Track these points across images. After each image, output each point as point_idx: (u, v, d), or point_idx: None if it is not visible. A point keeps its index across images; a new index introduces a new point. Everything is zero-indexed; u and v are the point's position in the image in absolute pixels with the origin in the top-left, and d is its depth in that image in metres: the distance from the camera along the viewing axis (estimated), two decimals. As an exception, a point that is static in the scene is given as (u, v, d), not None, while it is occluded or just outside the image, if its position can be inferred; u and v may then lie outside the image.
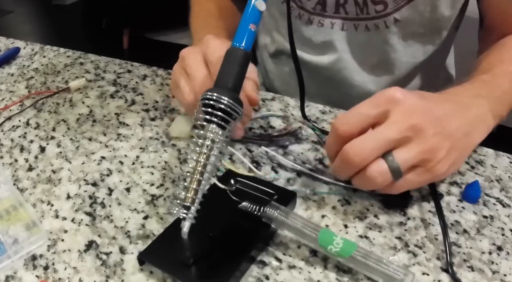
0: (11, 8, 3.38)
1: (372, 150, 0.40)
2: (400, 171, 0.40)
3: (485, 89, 0.50)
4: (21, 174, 0.53)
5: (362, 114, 0.41)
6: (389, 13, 0.64)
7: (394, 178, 0.41)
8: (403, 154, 0.40)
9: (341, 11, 0.66)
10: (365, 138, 0.40)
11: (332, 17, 0.67)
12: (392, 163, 0.40)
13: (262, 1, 0.43)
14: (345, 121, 0.42)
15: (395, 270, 0.37)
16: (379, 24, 0.65)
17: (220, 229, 0.42)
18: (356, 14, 0.65)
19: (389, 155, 0.40)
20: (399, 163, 0.40)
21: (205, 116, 0.38)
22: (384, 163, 0.40)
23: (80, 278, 0.41)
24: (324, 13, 0.67)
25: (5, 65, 0.76)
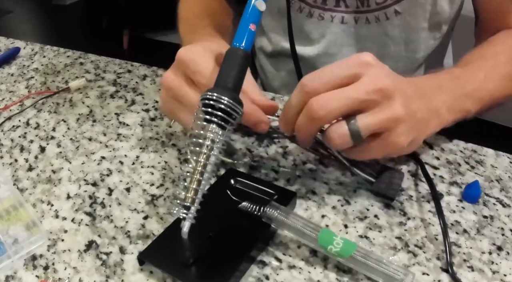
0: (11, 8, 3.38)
1: (337, 106, 0.39)
2: (361, 136, 0.40)
3: (451, 83, 0.50)
4: (21, 174, 0.53)
5: (333, 73, 0.41)
6: (390, 4, 0.64)
7: (354, 142, 0.40)
8: (366, 118, 0.40)
9: (342, 5, 0.65)
10: (332, 94, 0.40)
11: (332, 11, 0.67)
12: (353, 126, 0.40)
13: (262, 1, 0.43)
14: (313, 79, 0.41)
15: (395, 270, 0.37)
16: (379, 16, 0.65)
17: (220, 229, 0.42)
18: (356, 7, 0.65)
19: (352, 118, 0.40)
20: (360, 127, 0.40)
21: (205, 116, 0.38)
22: (345, 125, 0.40)
23: (80, 278, 0.41)
24: (324, 7, 0.67)
25: (5, 65, 0.76)
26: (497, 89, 0.53)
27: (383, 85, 0.40)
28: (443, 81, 0.50)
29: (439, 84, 0.49)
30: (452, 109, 0.48)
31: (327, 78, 0.41)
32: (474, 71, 0.53)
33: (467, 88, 0.50)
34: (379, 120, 0.40)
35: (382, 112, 0.40)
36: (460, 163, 0.52)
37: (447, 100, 0.48)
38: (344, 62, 0.41)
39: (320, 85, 0.40)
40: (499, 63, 0.55)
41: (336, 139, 0.40)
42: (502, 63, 0.56)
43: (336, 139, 0.40)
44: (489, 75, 0.53)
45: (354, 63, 0.41)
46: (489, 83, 0.52)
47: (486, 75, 0.53)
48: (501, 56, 0.57)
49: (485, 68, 0.54)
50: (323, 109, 0.39)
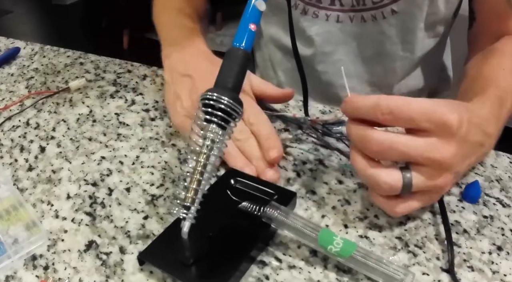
0: (11, 8, 3.38)
1: (395, 152, 0.38)
2: (410, 189, 0.39)
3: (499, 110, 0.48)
4: (21, 174, 0.53)
5: (410, 116, 0.37)
6: (386, 4, 0.63)
7: (402, 191, 0.40)
8: (420, 177, 0.39)
9: (337, 3, 0.65)
10: (395, 139, 0.38)
11: (327, 9, 0.66)
12: (407, 177, 0.39)
13: (262, 1, 0.43)
14: (391, 109, 0.37)
15: (395, 270, 0.37)
16: (376, 15, 0.65)
17: (220, 229, 0.42)
18: (352, 6, 0.65)
19: (407, 170, 0.39)
20: (413, 182, 0.39)
21: (205, 116, 0.38)
22: (399, 174, 0.39)
23: (80, 278, 0.41)
24: (319, 5, 0.67)
25: (5, 65, 0.76)
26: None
27: (443, 159, 0.38)
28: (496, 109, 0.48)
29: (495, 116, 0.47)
30: (498, 134, 0.48)
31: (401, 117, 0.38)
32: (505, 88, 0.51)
33: (505, 110, 0.49)
34: (430, 184, 0.39)
35: (434, 179, 0.39)
36: (460, 163, 0.52)
37: (498, 131, 0.47)
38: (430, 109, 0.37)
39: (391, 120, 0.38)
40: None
41: (385, 185, 0.39)
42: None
43: (386, 185, 0.39)
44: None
45: (435, 119, 0.37)
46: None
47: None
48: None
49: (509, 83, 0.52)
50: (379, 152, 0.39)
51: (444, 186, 0.40)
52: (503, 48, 0.59)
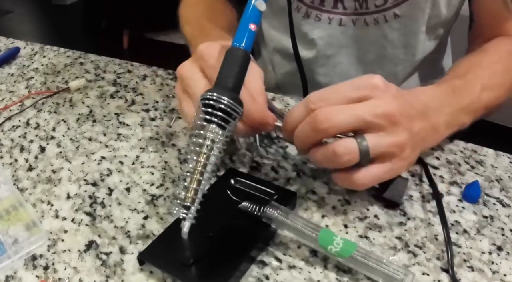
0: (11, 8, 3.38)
1: (343, 120, 0.39)
2: (369, 155, 0.39)
3: (450, 98, 0.50)
4: (21, 174, 0.53)
5: (341, 94, 0.40)
6: (389, 7, 0.63)
7: (362, 160, 0.40)
8: (375, 138, 0.39)
9: (339, 7, 0.65)
10: (338, 108, 0.39)
11: (329, 12, 0.66)
12: (362, 144, 0.39)
13: (262, 1, 0.43)
14: (321, 98, 0.40)
15: (395, 270, 0.37)
16: (378, 18, 0.65)
17: (220, 229, 0.42)
18: (354, 9, 0.65)
19: (360, 136, 0.39)
20: (370, 145, 0.39)
21: (205, 116, 0.38)
22: (354, 141, 0.39)
23: (80, 278, 0.41)
24: (322, 8, 0.66)
25: (5, 65, 0.76)
26: (491, 100, 0.54)
27: (390, 111, 0.39)
28: (444, 96, 0.49)
29: (440, 100, 0.48)
30: (449, 124, 0.49)
31: (334, 98, 0.40)
32: (471, 83, 0.53)
33: (464, 102, 0.50)
34: (388, 143, 0.40)
35: (388, 137, 0.40)
36: (460, 163, 0.52)
37: (446, 117, 0.48)
38: (352, 83, 0.41)
39: (327, 103, 0.40)
40: (496, 72, 0.56)
41: (344, 155, 0.39)
42: (499, 72, 0.56)
43: (344, 155, 0.39)
44: (486, 87, 0.53)
45: (363, 85, 0.40)
46: (485, 95, 0.53)
47: (482, 87, 0.52)
48: (498, 65, 0.57)
49: (482, 79, 0.54)
50: (328, 122, 0.39)
51: (402, 143, 0.40)
52: (488, 46, 0.60)
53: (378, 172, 0.41)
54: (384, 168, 0.41)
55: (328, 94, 0.41)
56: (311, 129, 0.40)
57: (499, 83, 0.55)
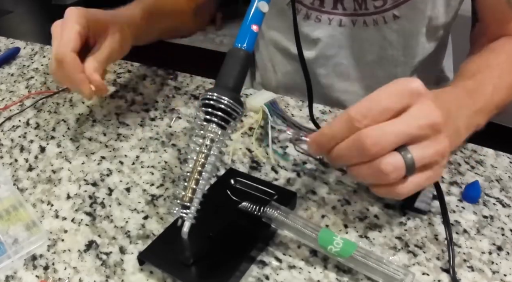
0: (11, 8, 3.38)
1: (390, 142, 0.38)
2: (414, 167, 0.38)
3: (468, 100, 0.49)
4: (21, 174, 0.53)
5: (383, 108, 0.38)
6: (388, 8, 0.63)
7: (407, 173, 0.39)
8: (420, 150, 0.38)
9: (339, 7, 0.65)
10: (385, 129, 0.38)
11: (329, 13, 0.66)
12: (407, 158, 0.38)
13: (265, 2, 0.43)
14: (364, 114, 0.38)
15: (395, 270, 0.37)
16: (377, 19, 0.65)
17: (220, 229, 0.42)
18: (354, 10, 0.65)
19: (405, 149, 0.38)
20: (415, 158, 0.38)
21: (205, 116, 0.38)
22: (400, 157, 0.38)
23: (80, 278, 0.41)
24: (321, 9, 0.66)
25: (5, 65, 0.76)
26: (503, 99, 0.54)
27: (433, 120, 0.38)
28: (461, 98, 0.49)
29: (459, 102, 0.48)
30: (468, 127, 0.48)
31: (377, 111, 0.38)
32: (483, 83, 0.53)
33: (479, 104, 0.50)
34: (432, 153, 0.39)
35: (432, 146, 0.39)
36: (460, 163, 0.52)
37: (465, 120, 0.47)
38: (392, 91, 0.39)
39: (371, 122, 0.38)
40: (504, 72, 0.56)
41: (391, 172, 0.38)
42: (507, 72, 0.56)
43: (391, 172, 0.38)
44: (497, 87, 0.53)
45: (403, 93, 0.39)
46: (496, 95, 0.53)
47: (494, 87, 0.53)
48: (505, 65, 0.57)
49: (492, 79, 0.53)
50: (377, 146, 0.37)
51: (444, 150, 0.39)
52: (494, 46, 0.60)
53: (419, 180, 0.40)
54: (425, 175, 0.40)
55: (370, 109, 0.38)
56: (358, 151, 0.39)
57: (509, 83, 0.55)
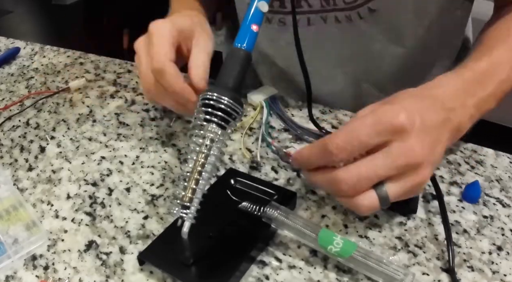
0: (11, 8, 3.38)
1: (366, 183, 0.38)
2: (389, 202, 0.39)
3: (477, 87, 0.46)
4: (21, 174, 0.53)
5: (361, 143, 0.37)
6: (361, 4, 0.57)
7: (382, 206, 0.39)
8: (396, 187, 0.38)
9: (304, 5, 0.59)
10: (361, 170, 0.38)
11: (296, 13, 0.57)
12: (382, 194, 0.38)
13: (265, 2, 0.43)
14: (342, 147, 0.38)
15: (395, 270, 0.37)
16: (351, 15, 0.59)
17: (220, 229, 0.42)
18: (321, 6, 0.58)
19: (381, 185, 0.38)
20: (390, 195, 0.39)
21: (205, 116, 0.38)
22: (374, 194, 0.38)
23: (80, 278, 0.41)
24: (283, 10, 0.60)
25: (5, 65, 0.76)
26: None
27: (411, 159, 0.38)
28: (467, 87, 0.46)
29: (462, 94, 0.45)
30: (473, 116, 0.46)
31: (355, 147, 0.38)
32: (498, 62, 0.48)
33: (490, 88, 0.46)
34: (408, 188, 0.39)
35: (409, 181, 0.39)
36: (460, 163, 0.52)
37: (470, 111, 0.45)
38: (374, 125, 0.37)
39: (348, 156, 0.38)
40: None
41: (364, 207, 0.39)
42: None
43: (365, 207, 0.39)
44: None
45: (385, 128, 0.37)
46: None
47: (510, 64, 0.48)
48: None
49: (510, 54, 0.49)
50: (352, 189, 0.38)
51: (422, 181, 0.39)
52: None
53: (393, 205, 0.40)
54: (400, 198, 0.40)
55: (348, 142, 0.38)
56: (333, 189, 0.40)
57: None
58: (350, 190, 0.38)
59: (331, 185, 0.39)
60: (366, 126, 0.37)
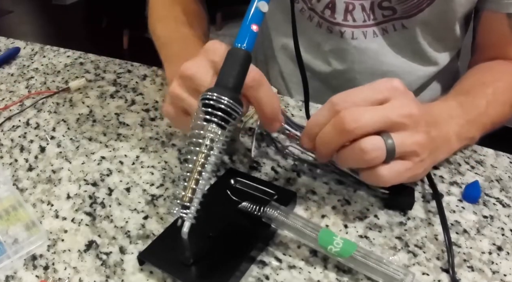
0: (11, 8, 3.38)
1: (370, 120, 0.39)
2: (394, 152, 0.40)
3: (459, 110, 0.50)
4: (21, 174, 0.53)
5: (364, 96, 0.40)
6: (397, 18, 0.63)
7: (387, 158, 0.40)
8: (400, 137, 0.40)
9: (349, 19, 0.65)
10: (365, 109, 0.39)
11: (340, 25, 0.65)
12: (388, 142, 0.39)
13: (265, 2, 0.43)
14: (345, 99, 0.40)
15: (395, 270, 0.37)
16: (387, 28, 0.64)
17: (220, 229, 0.42)
18: (363, 21, 0.64)
19: (386, 134, 0.40)
20: (396, 143, 0.39)
21: (205, 116, 0.38)
22: (381, 139, 0.39)
23: (80, 278, 0.41)
24: (333, 20, 0.66)
25: (5, 65, 0.76)
26: (497, 115, 0.55)
27: (413, 111, 0.40)
28: (452, 109, 0.50)
29: (450, 112, 0.49)
30: (460, 136, 0.49)
31: (358, 98, 0.40)
32: (477, 97, 0.54)
33: (472, 115, 0.51)
34: (411, 142, 0.40)
35: (412, 136, 0.40)
36: (460, 163, 0.52)
37: (456, 128, 0.48)
38: (374, 86, 0.41)
39: (351, 105, 0.40)
40: (499, 90, 0.56)
41: (370, 152, 0.39)
42: (502, 90, 0.57)
43: (370, 152, 0.39)
44: (491, 102, 0.54)
45: (384, 87, 0.41)
46: (490, 110, 0.53)
47: (488, 102, 0.53)
48: (500, 83, 0.57)
49: (487, 95, 0.54)
50: (356, 122, 0.39)
51: (423, 142, 0.41)
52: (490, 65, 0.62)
53: (400, 168, 0.41)
54: (406, 165, 0.41)
55: (351, 96, 0.41)
56: (338, 131, 0.40)
57: (503, 100, 0.56)
58: (352, 123, 0.39)
59: (336, 126, 0.40)
60: (367, 86, 0.41)
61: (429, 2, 0.60)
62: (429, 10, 0.61)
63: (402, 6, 0.61)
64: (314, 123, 0.42)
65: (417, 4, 0.61)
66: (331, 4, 0.64)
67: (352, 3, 0.63)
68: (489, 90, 0.55)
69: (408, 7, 0.61)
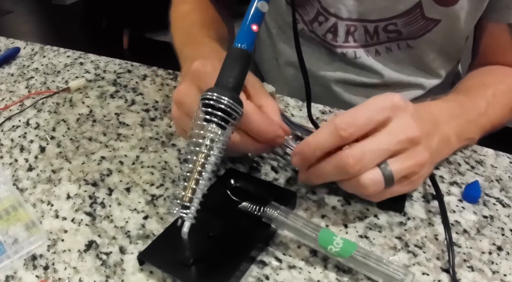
0: (11, 8, 3.38)
1: (372, 159, 0.39)
2: (393, 180, 0.40)
3: (460, 111, 0.50)
4: (21, 174, 0.53)
5: (368, 119, 0.40)
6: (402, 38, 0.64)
7: (386, 186, 0.40)
8: (398, 164, 0.40)
9: (350, 39, 0.65)
10: (366, 147, 0.39)
11: (342, 47, 0.66)
12: (386, 172, 0.39)
13: (265, 2, 0.43)
14: (351, 124, 0.39)
15: (395, 270, 0.37)
16: (391, 46, 0.65)
17: (220, 229, 0.42)
18: (365, 41, 0.65)
19: (384, 163, 0.40)
20: (393, 172, 0.39)
21: (205, 116, 0.38)
22: (379, 172, 0.39)
23: (80, 278, 0.41)
24: (334, 43, 0.66)
25: (5, 65, 0.76)
26: (497, 117, 0.55)
27: (411, 134, 0.40)
28: (452, 109, 0.50)
29: (450, 112, 0.49)
30: (459, 136, 0.49)
31: (363, 123, 0.40)
32: (476, 98, 0.54)
33: (471, 115, 0.51)
34: (409, 165, 0.40)
35: (411, 158, 0.40)
36: (460, 163, 0.52)
37: (456, 128, 0.49)
38: (375, 105, 0.40)
39: (356, 131, 0.39)
40: (499, 92, 0.57)
41: (370, 187, 0.40)
42: (502, 92, 0.57)
43: (371, 186, 0.40)
44: (491, 104, 0.54)
45: (385, 105, 0.40)
46: (490, 111, 0.53)
47: (488, 103, 0.53)
48: (501, 85, 0.58)
49: (487, 97, 0.54)
50: (359, 164, 0.39)
51: (422, 161, 0.41)
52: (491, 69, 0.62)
53: (397, 190, 0.42)
54: (404, 186, 0.42)
55: (355, 118, 0.40)
56: (339, 171, 0.40)
57: (503, 103, 0.56)
58: (355, 166, 0.39)
59: (339, 166, 0.40)
60: (370, 105, 0.40)
61: (436, 23, 0.61)
62: (436, 31, 0.62)
63: (408, 29, 0.62)
64: (315, 146, 0.41)
65: (424, 26, 0.61)
66: (333, 29, 0.65)
67: (354, 25, 0.63)
68: (490, 91, 0.56)
69: (415, 29, 0.62)
